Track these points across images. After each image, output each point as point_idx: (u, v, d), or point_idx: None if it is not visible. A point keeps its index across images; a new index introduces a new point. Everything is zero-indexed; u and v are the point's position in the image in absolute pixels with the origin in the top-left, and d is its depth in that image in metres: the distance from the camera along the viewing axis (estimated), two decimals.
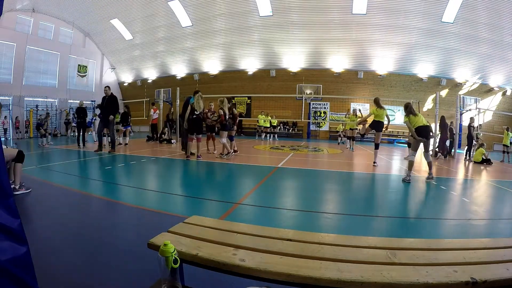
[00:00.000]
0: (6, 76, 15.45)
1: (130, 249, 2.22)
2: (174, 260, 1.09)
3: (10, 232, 1.01)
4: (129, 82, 23.53)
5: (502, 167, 8.76)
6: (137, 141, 12.41)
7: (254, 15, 16.64)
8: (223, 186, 4.89)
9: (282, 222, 3.00)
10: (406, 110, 5.27)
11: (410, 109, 5.22)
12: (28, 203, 3.32)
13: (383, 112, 6.94)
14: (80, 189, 4.13)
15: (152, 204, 3.51)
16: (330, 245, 1.34)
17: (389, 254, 1.23)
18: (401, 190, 4.77)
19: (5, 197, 1.03)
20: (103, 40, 20.81)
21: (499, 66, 15.99)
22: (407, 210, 3.79)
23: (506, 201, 4.46)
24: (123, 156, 7.72)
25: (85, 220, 2.92)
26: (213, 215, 3.07)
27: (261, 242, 1.35)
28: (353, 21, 15.74)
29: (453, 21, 14.57)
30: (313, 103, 18.69)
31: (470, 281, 1.01)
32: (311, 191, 4.58)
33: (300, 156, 9.06)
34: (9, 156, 3.43)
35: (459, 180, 6.30)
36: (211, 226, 1.55)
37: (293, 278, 1.08)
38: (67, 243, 2.28)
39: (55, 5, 16.99)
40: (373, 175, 6.14)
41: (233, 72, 19.75)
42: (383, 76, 17.67)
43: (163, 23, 18.45)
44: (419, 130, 5.14)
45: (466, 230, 2.96)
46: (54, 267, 1.86)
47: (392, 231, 2.89)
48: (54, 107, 17.57)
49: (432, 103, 16.36)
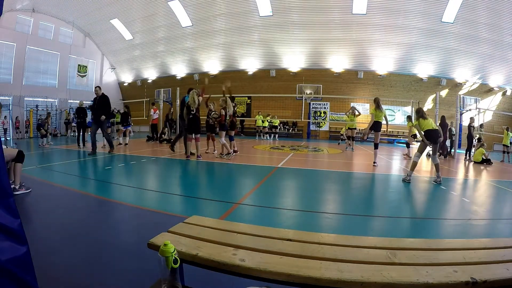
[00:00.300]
0: (6, 76, 15.45)
1: (130, 249, 2.23)
2: (174, 260, 1.09)
3: (10, 232, 1.01)
4: (129, 82, 23.54)
5: (502, 167, 8.76)
6: (137, 141, 12.41)
7: (254, 15, 16.64)
8: (223, 186, 4.89)
9: (282, 222, 3.00)
10: (418, 115, 5.45)
11: (422, 114, 5.41)
12: (28, 203, 3.32)
13: (382, 113, 7.01)
14: (80, 189, 4.13)
15: (152, 204, 3.51)
16: (330, 245, 1.34)
17: (389, 254, 1.23)
18: (401, 190, 4.77)
19: (5, 197, 1.03)
20: (103, 40, 20.81)
21: (499, 66, 15.99)
22: (407, 210, 3.78)
23: (506, 201, 4.46)
24: (123, 156, 7.72)
25: (85, 220, 2.92)
26: (213, 215, 3.07)
27: (261, 242, 1.35)
28: (353, 21, 15.74)
29: (453, 21, 14.57)
30: (313, 103, 18.69)
31: (470, 281, 1.01)
32: (311, 191, 4.58)
33: (300, 156, 9.06)
34: (9, 156, 3.43)
35: (459, 180, 6.30)
36: (211, 226, 1.55)
37: (293, 278, 1.08)
38: (67, 243, 2.28)
39: (55, 5, 17.00)
40: (373, 175, 6.14)
41: (233, 72, 19.74)
42: (383, 76, 17.68)
43: (163, 23, 18.45)
44: (428, 133, 5.30)
45: (466, 230, 2.96)
46: (54, 267, 1.86)
47: (392, 231, 2.89)
48: (54, 107, 17.57)
49: (432, 103, 16.36)
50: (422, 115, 5.38)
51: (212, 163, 6.88)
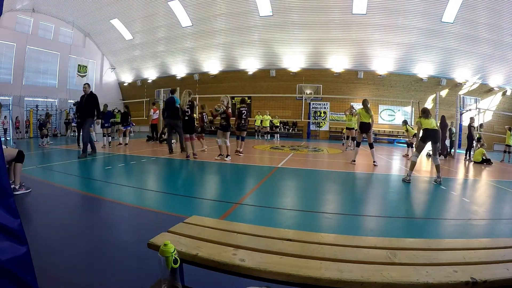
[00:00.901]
0: (6, 76, 15.44)
1: (130, 249, 2.22)
2: (174, 260, 1.09)
3: (10, 232, 1.01)
4: (129, 82, 23.53)
5: (502, 167, 8.76)
6: (137, 141, 12.41)
7: (254, 15, 16.64)
8: (223, 186, 4.89)
9: (282, 222, 3.00)
10: (423, 114, 5.54)
11: (426, 114, 5.50)
12: (28, 203, 3.32)
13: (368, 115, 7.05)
14: (80, 189, 4.13)
15: (152, 204, 3.52)
16: (330, 245, 1.34)
17: (389, 254, 1.23)
18: (401, 190, 4.77)
19: (5, 197, 1.03)
20: (103, 40, 20.81)
21: (499, 66, 15.99)
22: (407, 210, 3.78)
23: (506, 201, 4.46)
24: (123, 156, 7.72)
25: (85, 220, 2.92)
26: (213, 215, 3.07)
27: (261, 242, 1.35)
28: (353, 21, 15.74)
29: (453, 21, 14.57)
30: (313, 103, 18.69)
31: (470, 281, 1.01)
32: (311, 191, 4.58)
33: (300, 156, 9.06)
34: (9, 156, 3.43)
35: (459, 180, 6.30)
36: (211, 226, 1.55)
37: (293, 278, 1.08)
38: (67, 243, 2.28)
39: (55, 5, 16.99)
40: (373, 175, 6.14)
41: (233, 72, 19.75)
42: (383, 76, 17.68)
43: (163, 23, 18.45)
44: (426, 132, 5.37)
45: (466, 230, 2.96)
46: (54, 267, 1.86)
47: (392, 231, 2.89)
48: (54, 107, 17.57)
49: (432, 103, 16.35)
50: (427, 115, 5.47)
51: (212, 163, 6.87)
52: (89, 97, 7.28)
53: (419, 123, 5.54)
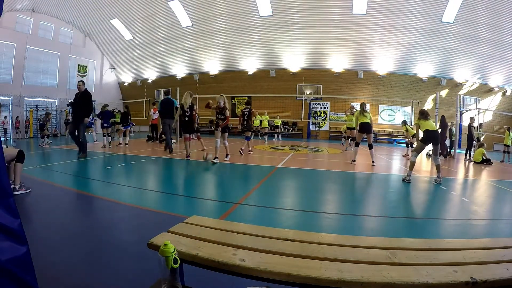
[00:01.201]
0: (6, 76, 15.46)
1: (130, 249, 2.22)
2: (174, 260, 1.09)
3: (10, 232, 1.01)
4: (129, 82, 23.54)
5: (502, 167, 8.76)
6: (137, 141, 12.41)
7: (254, 15, 16.64)
8: (223, 186, 4.89)
9: (282, 222, 3.00)
10: (422, 116, 5.54)
11: (425, 115, 5.51)
12: (28, 203, 3.32)
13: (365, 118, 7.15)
14: (80, 189, 4.13)
15: (152, 204, 3.51)
16: (330, 245, 1.34)
17: (389, 254, 1.23)
18: (401, 190, 4.77)
19: (5, 197, 1.03)
20: (103, 40, 20.81)
21: (499, 66, 15.99)
22: (407, 210, 3.78)
23: (506, 201, 4.46)
24: (123, 156, 7.72)
25: (85, 220, 2.92)
26: (213, 215, 3.07)
27: (261, 242, 1.35)
28: (353, 21, 15.74)
29: (453, 21, 14.58)
30: (313, 103, 18.70)
31: (470, 281, 1.01)
32: (311, 191, 4.58)
33: (300, 156, 9.06)
34: (9, 156, 3.42)
35: (459, 180, 6.30)
36: (211, 226, 1.55)
37: (293, 278, 1.08)
38: (67, 243, 2.28)
39: (55, 5, 17.00)
40: (373, 175, 6.14)
41: (233, 72, 19.75)
42: (383, 76, 17.68)
43: (163, 23, 18.45)
44: (427, 133, 5.37)
45: (466, 230, 2.96)
46: (54, 267, 1.86)
47: (392, 231, 2.89)
48: (54, 107, 17.58)
49: (432, 103, 16.36)
50: (425, 117, 5.48)
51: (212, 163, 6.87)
52: (84, 95, 7.23)
53: (418, 126, 5.55)
